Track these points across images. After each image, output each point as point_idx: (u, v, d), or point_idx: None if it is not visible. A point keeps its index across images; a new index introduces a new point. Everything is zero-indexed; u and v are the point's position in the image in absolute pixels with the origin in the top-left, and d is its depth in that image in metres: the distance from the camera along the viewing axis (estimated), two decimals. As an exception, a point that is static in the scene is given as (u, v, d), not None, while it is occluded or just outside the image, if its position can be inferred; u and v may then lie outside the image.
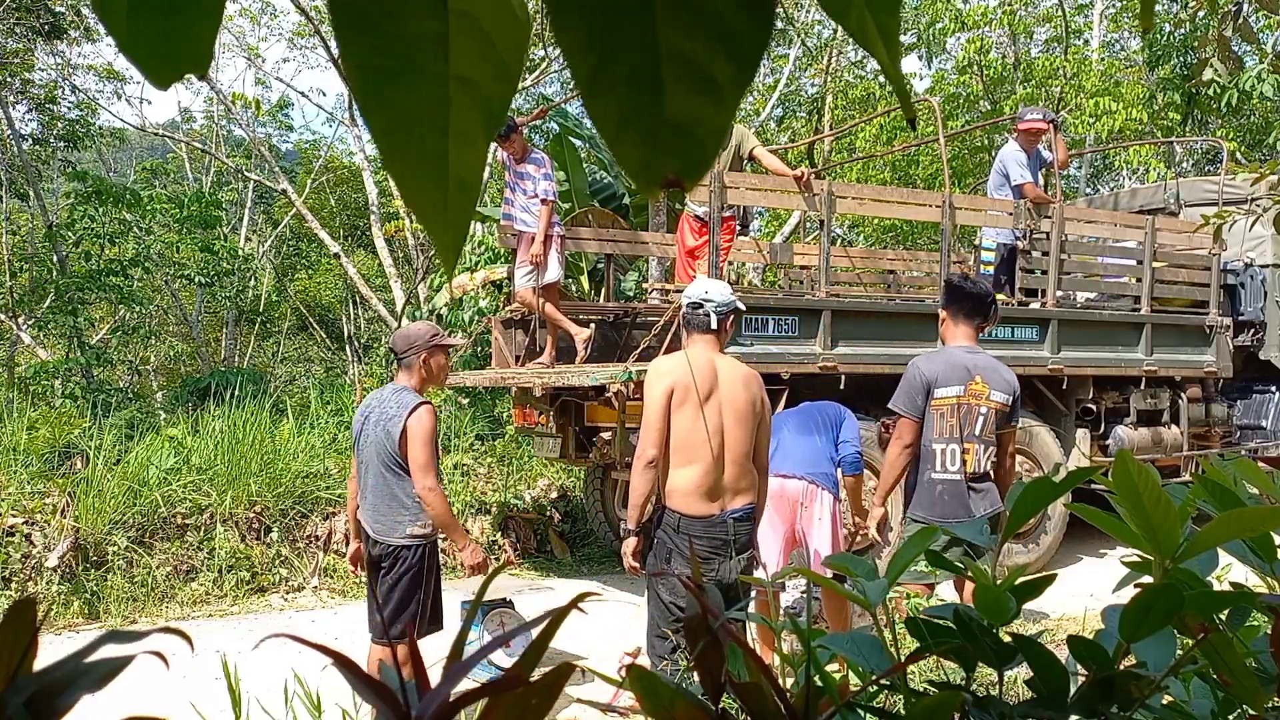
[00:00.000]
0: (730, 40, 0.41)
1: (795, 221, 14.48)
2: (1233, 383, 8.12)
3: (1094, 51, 15.17)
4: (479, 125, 0.42)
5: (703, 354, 3.52)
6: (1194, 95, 13.14)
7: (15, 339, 13.72)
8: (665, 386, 3.43)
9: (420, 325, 3.98)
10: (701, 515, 3.42)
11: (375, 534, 3.75)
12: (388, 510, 3.72)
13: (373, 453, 3.73)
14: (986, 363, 3.89)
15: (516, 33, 0.42)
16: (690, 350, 3.56)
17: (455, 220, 0.43)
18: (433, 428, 3.68)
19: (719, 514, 3.44)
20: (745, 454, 3.51)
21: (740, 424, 3.48)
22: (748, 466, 3.53)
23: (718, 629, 0.64)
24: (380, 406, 3.78)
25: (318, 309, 21.61)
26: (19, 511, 6.30)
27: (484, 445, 9.00)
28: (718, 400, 3.45)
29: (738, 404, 3.48)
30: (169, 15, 0.42)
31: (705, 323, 3.56)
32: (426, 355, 3.82)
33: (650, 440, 3.43)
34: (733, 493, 3.48)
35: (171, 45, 0.43)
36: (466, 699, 0.50)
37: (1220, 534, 0.73)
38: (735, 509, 3.48)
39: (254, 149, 16.34)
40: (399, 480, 3.69)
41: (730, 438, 3.46)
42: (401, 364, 3.84)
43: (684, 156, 0.42)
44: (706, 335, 3.58)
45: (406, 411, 3.66)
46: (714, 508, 3.44)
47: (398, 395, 3.76)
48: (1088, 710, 0.72)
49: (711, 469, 3.42)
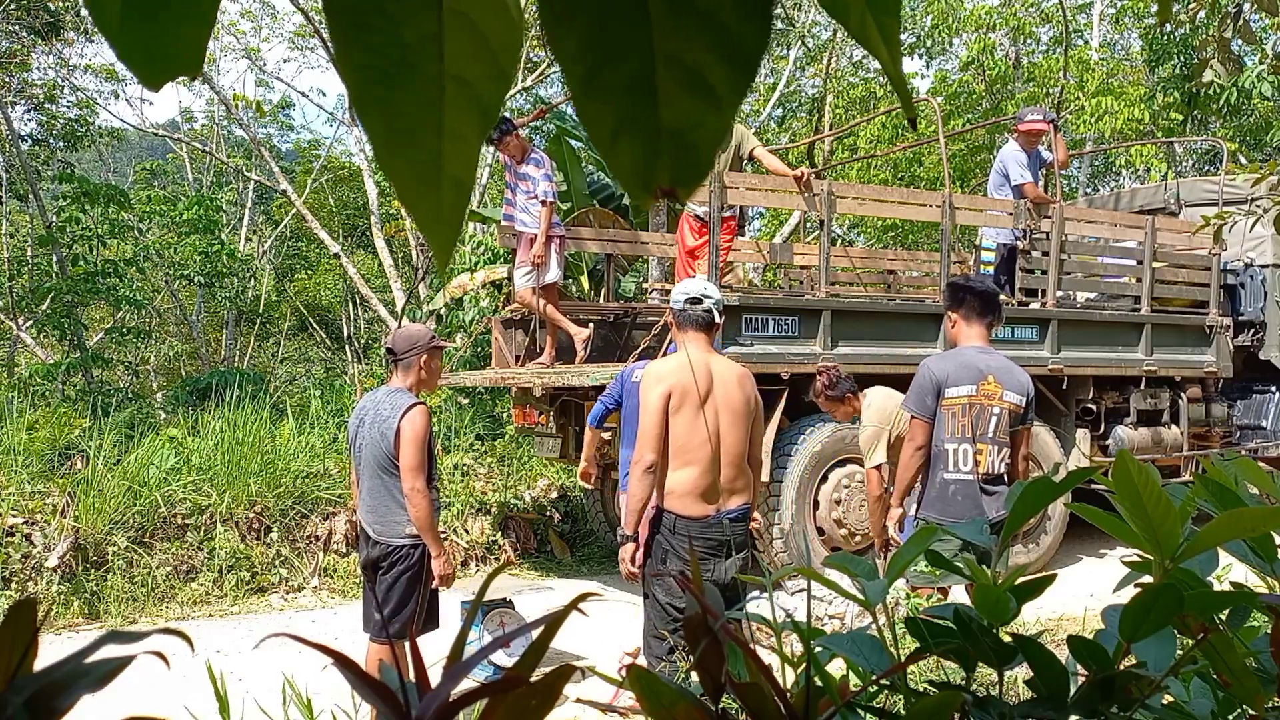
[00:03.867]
0: (727, 45, 0.41)
1: (795, 221, 14.49)
2: (1233, 383, 8.12)
3: (1095, 51, 15.17)
4: (473, 125, 0.42)
5: (699, 354, 3.49)
6: (1194, 95, 13.15)
7: (15, 339, 13.72)
8: (663, 391, 3.40)
9: (419, 327, 4.01)
10: (698, 516, 3.42)
11: (375, 534, 3.77)
12: (386, 511, 3.74)
13: (369, 454, 3.74)
14: (1000, 363, 3.86)
15: (511, 32, 0.42)
16: (685, 350, 3.52)
17: (449, 219, 0.43)
18: (426, 429, 3.69)
19: (715, 514, 3.44)
20: (741, 454, 3.51)
21: (736, 424, 3.48)
22: (743, 466, 3.53)
23: (717, 629, 0.64)
24: (375, 408, 3.78)
25: (317, 309, 21.61)
26: (19, 511, 6.31)
27: (484, 445, 9.00)
28: (714, 402, 3.44)
29: (734, 404, 3.47)
30: (162, 18, 0.42)
31: (706, 319, 3.53)
32: (427, 357, 3.83)
33: (649, 445, 3.40)
34: (729, 493, 3.48)
35: (164, 47, 0.43)
36: (466, 699, 0.50)
37: (1220, 534, 0.73)
38: (731, 509, 3.48)
39: (254, 149, 16.33)
40: (395, 481, 3.70)
41: (727, 439, 3.46)
42: (400, 364, 3.84)
43: (679, 164, 0.42)
44: (702, 333, 3.54)
45: (400, 413, 3.67)
46: (710, 509, 3.44)
47: (392, 397, 3.76)
48: (1088, 710, 0.72)
49: (709, 470, 3.42)
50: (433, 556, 3.75)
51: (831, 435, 5.99)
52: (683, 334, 3.56)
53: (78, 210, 11.90)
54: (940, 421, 3.82)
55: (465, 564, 7.42)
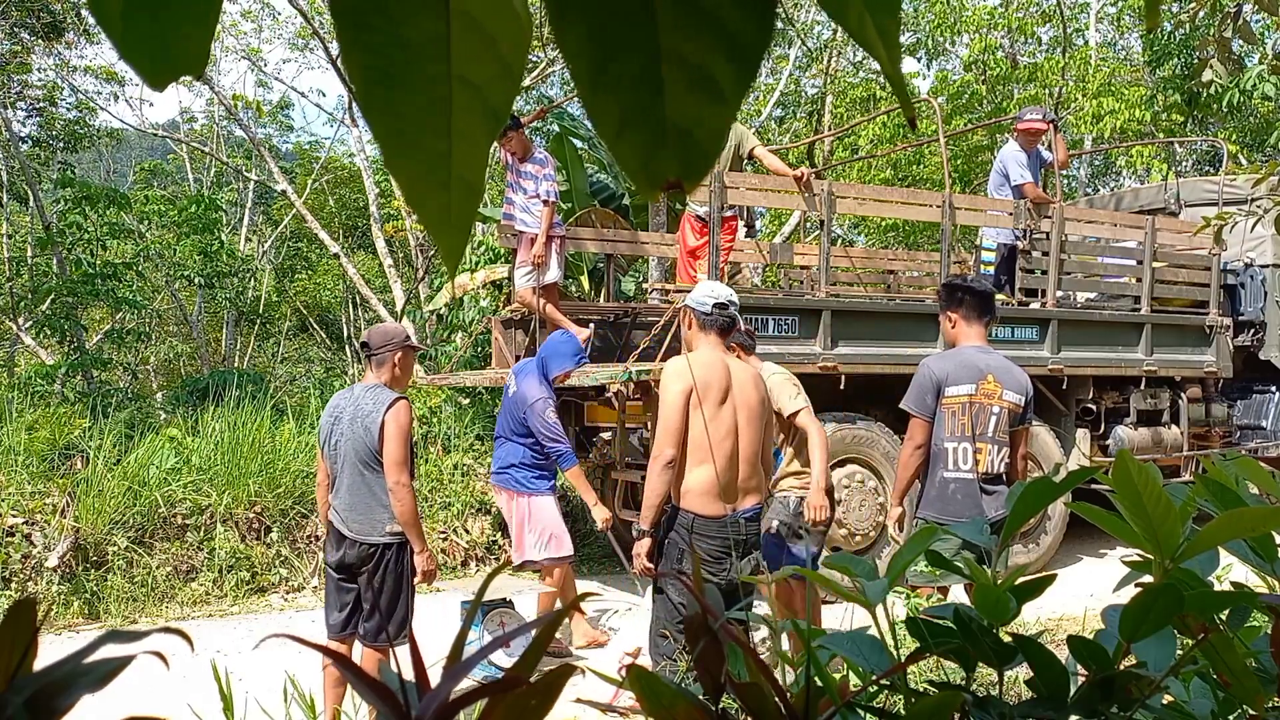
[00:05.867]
0: (731, 41, 0.41)
1: (795, 221, 14.49)
2: (1233, 383, 8.12)
3: (1094, 51, 15.17)
4: (481, 126, 0.42)
5: (715, 354, 3.56)
6: (1195, 96, 13.14)
7: (15, 340, 13.72)
8: (684, 387, 3.44)
9: (395, 325, 4.04)
10: (715, 516, 3.45)
11: (354, 534, 3.71)
12: (366, 509, 3.70)
13: (349, 450, 3.71)
14: (1000, 363, 3.90)
15: (518, 33, 0.42)
16: (703, 350, 3.59)
17: (458, 222, 0.43)
18: (409, 424, 3.70)
19: (730, 514, 3.47)
20: (756, 454, 3.56)
21: (751, 424, 3.53)
22: (757, 466, 3.58)
23: (718, 629, 0.64)
24: (354, 405, 3.77)
25: (317, 309, 21.61)
26: (19, 511, 6.30)
27: (484, 445, 8.99)
28: (732, 401, 3.49)
29: (750, 404, 3.53)
30: (164, 18, 0.42)
31: (729, 324, 3.62)
32: (401, 355, 3.85)
33: (669, 440, 3.44)
34: (743, 493, 3.52)
35: (167, 47, 0.43)
36: (466, 699, 0.50)
37: (1221, 534, 0.73)
38: (745, 509, 3.53)
39: (254, 150, 16.34)
40: (377, 478, 3.68)
41: (743, 438, 3.51)
42: (374, 360, 3.86)
43: (684, 158, 0.42)
44: (721, 337, 3.63)
45: (384, 407, 3.67)
46: (726, 508, 3.47)
47: (372, 393, 3.76)
48: (1088, 710, 0.72)
49: (726, 469, 3.46)
50: (416, 552, 3.73)
51: (831, 435, 5.99)
52: (703, 335, 3.63)
53: (78, 215, 11.88)
54: (940, 420, 3.84)
55: (465, 564, 7.41)
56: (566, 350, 5.05)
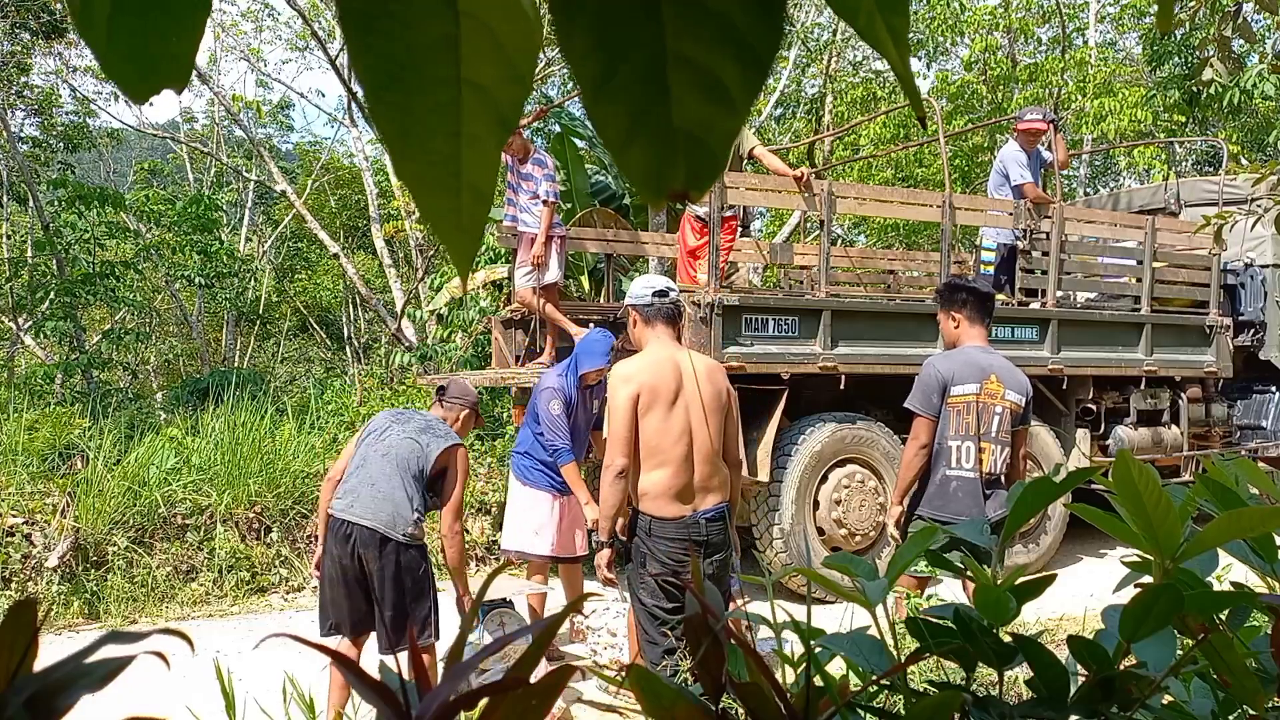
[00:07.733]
0: (740, 44, 0.40)
1: (795, 221, 14.49)
2: (1233, 383, 8.12)
3: (1094, 51, 15.17)
4: (490, 129, 0.42)
5: (665, 352, 3.44)
6: (1195, 95, 13.14)
7: (15, 340, 13.71)
8: (630, 392, 3.33)
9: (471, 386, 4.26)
10: (673, 517, 3.35)
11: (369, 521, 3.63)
12: (392, 507, 3.68)
13: (404, 448, 3.74)
14: (1001, 363, 3.93)
15: (527, 36, 0.41)
16: (653, 348, 3.47)
17: (469, 226, 0.42)
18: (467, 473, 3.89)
19: (690, 515, 3.37)
20: (716, 451, 3.43)
21: (709, 421, 3.41)
22: (718, 464, 3.45)
23: (718, 629, 0.64)
24: (423, 419, 3.90)
25: (317, 309, 21.60)
26: (19, 511, 6.30)
27: (484, 445, 9.00)
28: (684, 398, 3.37)
29: (706, 400, 3.39)
30: (149, 32, 0.42)
31: (674, 311, 3.51)
32: (467, 413, 4.09)
33: (618, 450, 3.33)
34: (704, 492, 3.40)
35: (150, 62, 0.43)
36: (467, 699, 0.50)
37: (1221, 534, 0.73)
38: (707, 509, 3.40)
39: (254, 150, 16.33)
40: (415, 486, 3.73)
41: (699, 436, 3.39)
42: (443, 404, 4.07)
43: (692, 165, 0.41)
44: (670, 327, 3.50)
45: (454, 443, 3.82)
46: (686, 509, 3.36)
47: (443, 425, 3.94)
48: (1088, 710, 0.72)
49: (681, 470, 3.35)
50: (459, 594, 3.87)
51: (831, 435, 5.99)
52: (650, 329, 3.51)
53: (73, 214, 11.87)
54: (945, 419, 3.86)
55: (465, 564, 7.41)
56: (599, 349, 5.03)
